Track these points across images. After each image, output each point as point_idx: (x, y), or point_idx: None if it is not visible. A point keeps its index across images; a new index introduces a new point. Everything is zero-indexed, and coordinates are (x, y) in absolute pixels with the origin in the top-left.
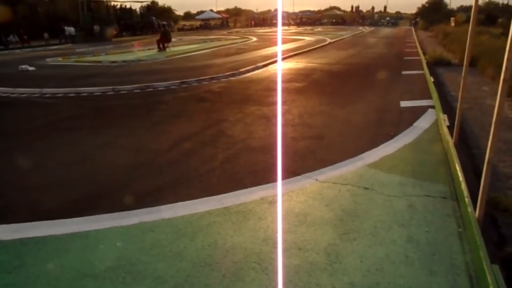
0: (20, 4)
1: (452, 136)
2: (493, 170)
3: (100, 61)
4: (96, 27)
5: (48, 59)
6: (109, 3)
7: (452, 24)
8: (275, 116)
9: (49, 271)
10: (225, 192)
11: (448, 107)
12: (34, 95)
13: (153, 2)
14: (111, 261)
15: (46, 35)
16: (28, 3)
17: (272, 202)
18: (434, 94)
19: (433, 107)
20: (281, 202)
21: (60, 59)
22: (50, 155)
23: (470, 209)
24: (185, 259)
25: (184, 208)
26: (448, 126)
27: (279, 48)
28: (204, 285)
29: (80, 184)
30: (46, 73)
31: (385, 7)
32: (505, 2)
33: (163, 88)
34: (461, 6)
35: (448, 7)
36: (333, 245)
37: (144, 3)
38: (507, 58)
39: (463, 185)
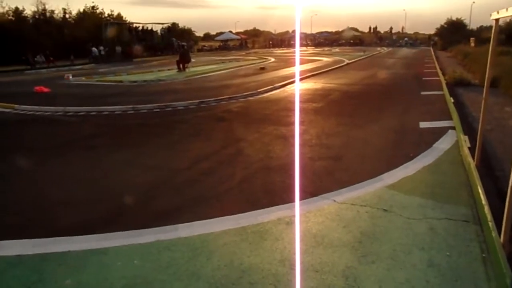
0: (47, 25)
1: (473, 157)
2: None
3: (121, 81)
4: (118, 48)
5: (72, 78)
6: (131, 25)
7: (472, 44)
8: (293, 136)
9: (67, 287)
10: (242, 212)
11: (469, 128)
12: (58, 113)
13: (173, 24)
14: (128, 279)
15: (72, 56)
16: (55, 25)
17: (289, 223)
18: (455, 115)
19: (453, 128)
20: (299, 223)
21: (84, 78)
22: (70, 172)
23: (494, 233)
24: (201, 279)
25: (201, 227)
26: (469, 148)
27: (297, 69)
28: None
29: (99, 201)
30: (69, 91)
31: (402, 28)
32: None
33: (182, 108)
34: (481, 26)
35: (468, 27)
36: (351, 268)
37: (165, 25)
38: None
39: (487, 209)
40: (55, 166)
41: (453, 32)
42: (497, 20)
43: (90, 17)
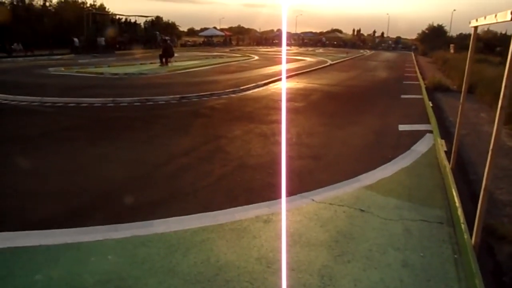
0: (26, 13)
1: (449, 161)
2: (489, 197)
3: (102, 73)
4: (100, 39)
5: (50, 69)
6: (114, 17)
7: (452, 50)
8: (273, 134)
9: (37, 282)
10: (220, 209)
11: (446, 132)
12: (34, 103)
13: (157, 17)
14: (101, 275)
15: (51, 44)
16: (34, 13)
17: (267, 221)
18: (433, 119)
19: (431, 131)
20: (277, 221)
21: (63, 69)
22: (46, 164)
23: (466, 235)
24: (176, 276)
25: (178, 223)
26: (445, 151)
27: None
28: None
29: (74, 195)
30: (47, 82)
31: (382, 34)
32: (503, 32)
33: (163, 102)
34: (461, 34)
35: (448, 34)
36: (327, 267)
37: (149, 18)
38: (505, 86)
39: (460, 211)
40: (28, 158)
41: (434, 38)
42: (475, 28)
43: (71, 7)
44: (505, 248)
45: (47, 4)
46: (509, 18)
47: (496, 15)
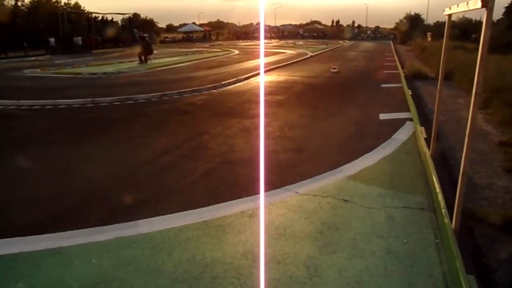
0: None
1: (429, 148)
2: (469, 181)
3: (79, 73)
4: (76, 39)
5: (26, 71)
6: (90, 15)
7: (429, 39)
8: (256, 128)
9: None
10: (205, 206)
11: (425, 120)
12: (10, 107)
13: (135, 14)
14: (86, 279)
15: (25, 45)
16: (5, 13)
17: (252, 216)
18: (412, 107)
19: (411, 119)
20: (262, 215)
21: (39, 70)
22: (24, 168)
23: (446, 220)
24: (162, 275)
25: (162, 222)
26: (425, 138)
27: (262, 61)
28: None
29: (55, 199)
30: (23, 84)
31: (358, 25)
32: (478, 19)
33: (143, 101)
34: (437, 22)
35: (425, 22)
36: (312, 258)
37: (126, 15)
38: (478, 72)
39: (440, 197)
40: (6, 163)
41: (412, 26)
42: (449, 15)
43: (45, 6)
44: (483, 230)
45: (19, 4)
46: (479, 6)
47: (467, 3)
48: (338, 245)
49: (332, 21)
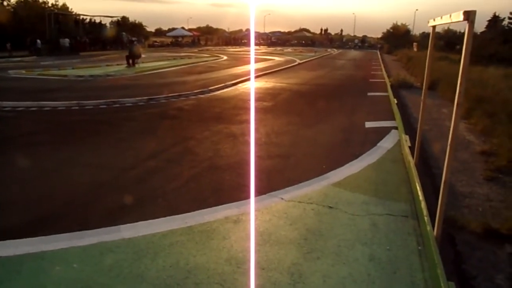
0: None
1: (413, 156)
2: (451, 189)
3: (65, 75)
4: (63, 40)
5: (10, 71)
6: (78, 17)
7: (415, 49)
8: (242, 134)
9: None
10: (189, 211)
11: (410, 128)
12: None
13: (123, 18)
14: (67, 284)
15: (8, 46)
16: None
17: (237, 221)
18: (397, 116)
19: (396, 128)
20: (246, 221)
21: (24, 71)
22: (6, 171)
23: (429, 227)
24: (145, 281)
25: (146, 227)
26: (409, 147)
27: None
28: None
29: (37, 203)
30: (7, 85)
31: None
32: (462, 31)
33: (130, 104)
34: (423, 33)
35: (411, 33)
36: (296, 264)
37: (115, 18)
38: (460, 83)
39: (423, 204)
40: None
41: (398, 36)
42: (433, 27)
43: (31, 6)
44: (464, 238)
45: (5, 3)
46: (461, 18)
47: (450, 15)
48: (322, 251)
49: (321, 29)
